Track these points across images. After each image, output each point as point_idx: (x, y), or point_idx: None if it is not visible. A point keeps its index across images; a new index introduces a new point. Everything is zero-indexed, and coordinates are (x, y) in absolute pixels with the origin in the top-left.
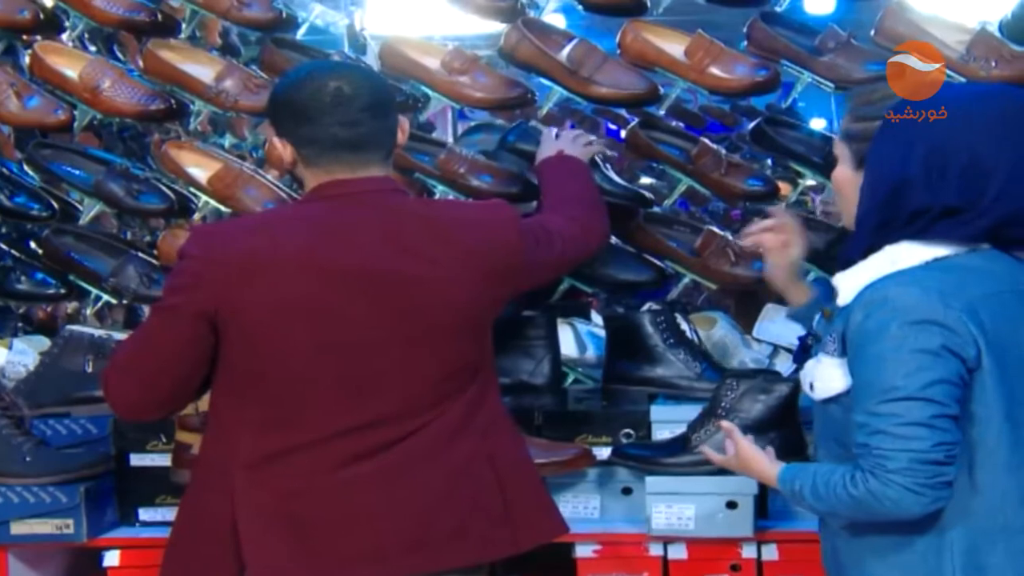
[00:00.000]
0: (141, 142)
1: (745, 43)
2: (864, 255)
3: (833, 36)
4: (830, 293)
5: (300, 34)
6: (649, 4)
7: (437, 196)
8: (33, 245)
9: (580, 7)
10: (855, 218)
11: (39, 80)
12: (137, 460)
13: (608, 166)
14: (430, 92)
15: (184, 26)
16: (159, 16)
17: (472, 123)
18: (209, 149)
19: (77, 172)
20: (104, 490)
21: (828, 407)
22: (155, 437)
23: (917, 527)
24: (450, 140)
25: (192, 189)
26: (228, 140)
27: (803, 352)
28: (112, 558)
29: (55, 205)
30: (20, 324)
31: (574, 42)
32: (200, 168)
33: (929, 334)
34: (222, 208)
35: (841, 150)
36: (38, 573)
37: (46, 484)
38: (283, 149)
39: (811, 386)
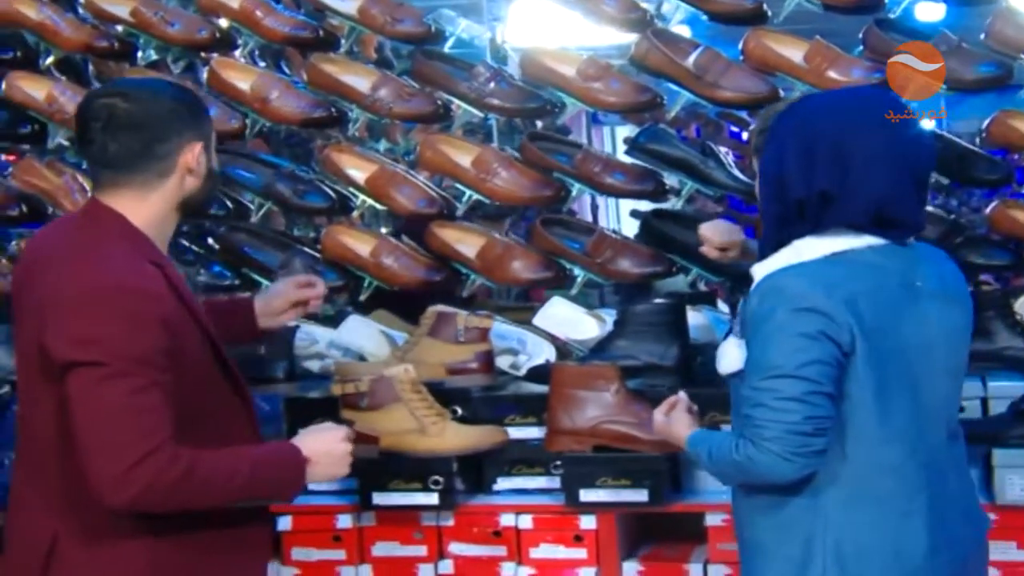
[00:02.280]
0: (305, 147)
1: (861, 48)
2: (775, 249)
3: (944, 40)
4: None
5: (448, 47)
6: (770, 13)
7: (574, 193)
8: (211, 241)
9: (705, 17)
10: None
11: (216, 92)
12: None
13: (732, 163)
14: (567, 98)
15: (344, 41)
16: (321, 33)
17: None
18: (366, 152)
19: (249, 175)
20: None
21: (733, 383)
22: (321, 415)
23: (793, 490)
24: (585, 142)
25: (351, 189)
26: (383, 144)
27: (730, 332)
28: (285, 523)
29: (230, 205)
30: None
31: (700, 49)
32: (358, 170)
33: (809, 320)
34: (378, 206)
35: (756, 164)
36: None
37: None
38: None
39: (717, 363)
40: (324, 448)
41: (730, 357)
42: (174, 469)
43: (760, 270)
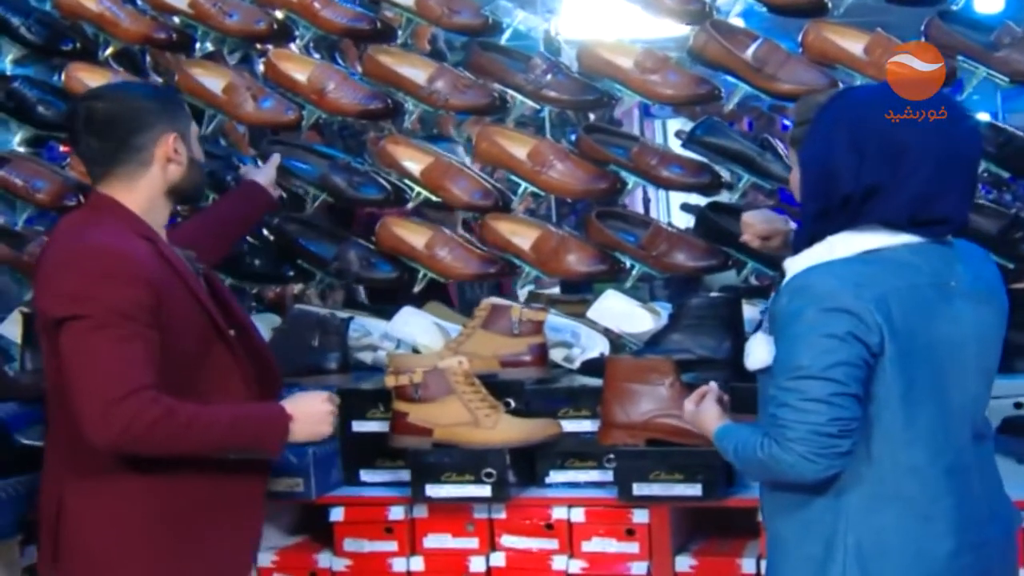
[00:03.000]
0: (358, 139)
1: (922, 41)
2: (809, 243)
3: (1008, 32)
4: None
5: (504, 38)
6: (830, 5)
7: (629, 186)
8: (265, 232)
9: (765, 9)
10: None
11: (272, 84)
12: (359, 426)
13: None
14: (624, 90)
15: (400, 33)
16: (378, 24)
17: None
18: (422, 144)
19: (304, 166)
20: (330, 453)
21: (762, 378)
22: (374, 406)
23: (818, 489)
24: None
25: (407, 181)
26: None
27: (759, 327)
28: (337, 514)
29: (284, 196)
30: (253, 304)
31: (759, 42)
32: (414, 161)
33: (838, 320)
34: (433, 198)
35: (792, 155)
36: (273, 526)
37: None
38: None
39: (745, 357)
40: (307, 408)
41: (758, 354)
42: (153, 410)
43: (792, 265)
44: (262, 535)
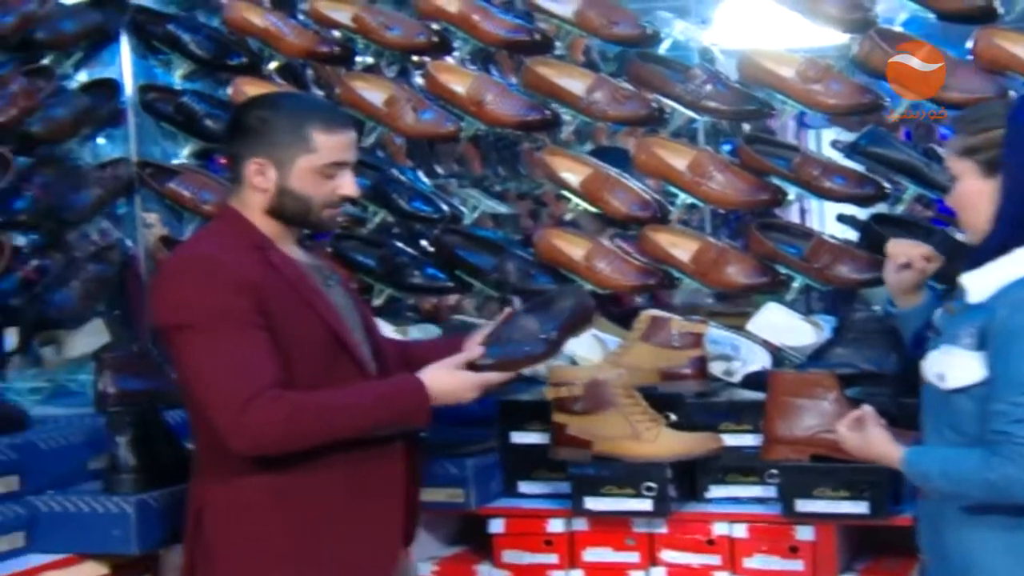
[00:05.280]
0: (512, 151)
1: None
2: (995, 255)
3: None
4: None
5: (663, 49)
6: (1001, 11)
7: (791, 197)
8: (424, 243)
9: (933, 16)
10: (994, 216)
11: (432, 95)
12: (518, 438)
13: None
14: (786, 100)
15: (560, 44)
16: (537, 36)
17: None
18: (580, 155)
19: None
20: (490, 464)
21: (952, 396)
22: (534, 418)
23: None
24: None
25: (564, 191)
26: (588, 148)
27: (917, 344)
28: (497, 525)
29: (445, 208)
30: (410, 314)
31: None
32: (573, 173)
33: None
34: (591, 209)
35: (963, 166)
36: (432, 535)
37: (439, 457)
38: None
39: (940, 376)
40: (441, 376)
41: (963, 371)
42: (280, 408)
43: (981, 280)
44: (401, 522)
